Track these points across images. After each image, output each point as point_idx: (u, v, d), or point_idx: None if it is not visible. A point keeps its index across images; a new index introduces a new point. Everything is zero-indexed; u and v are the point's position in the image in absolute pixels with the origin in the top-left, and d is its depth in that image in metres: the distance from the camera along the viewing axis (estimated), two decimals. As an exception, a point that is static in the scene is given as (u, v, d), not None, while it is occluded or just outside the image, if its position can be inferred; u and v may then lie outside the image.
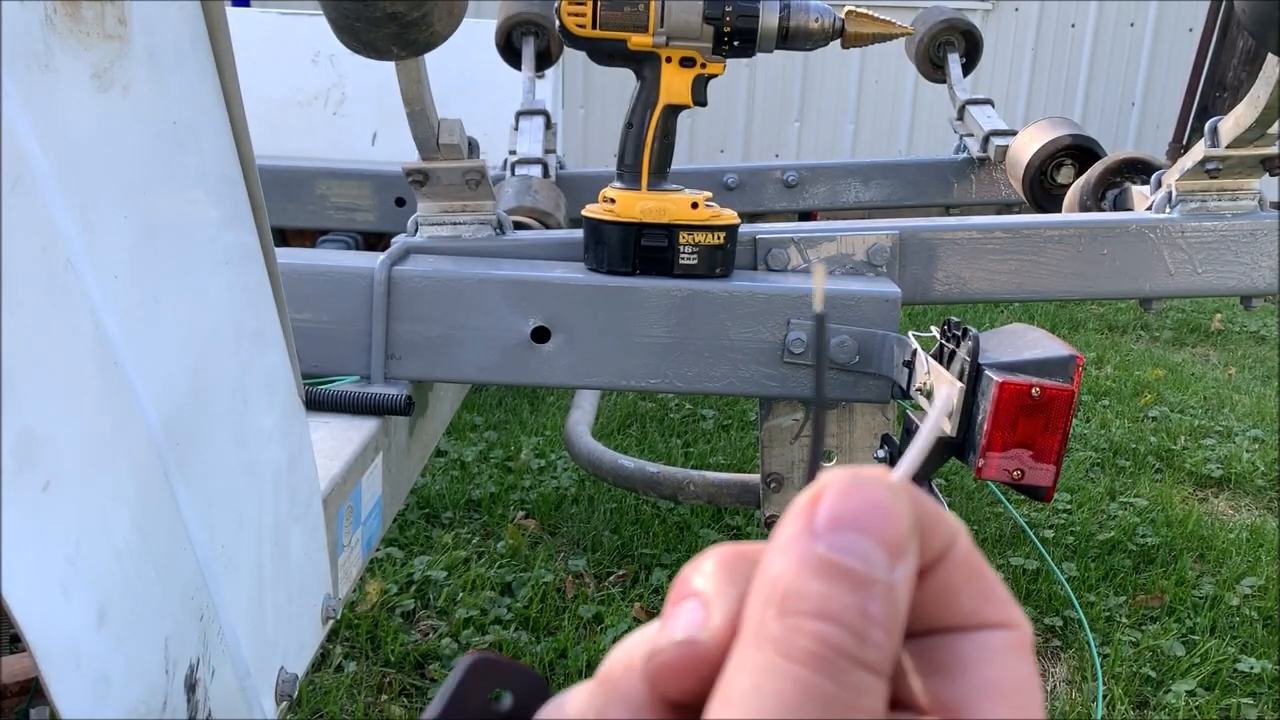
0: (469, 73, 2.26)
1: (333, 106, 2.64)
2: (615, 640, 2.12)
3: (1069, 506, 2.59)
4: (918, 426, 1.07)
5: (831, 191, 2.20)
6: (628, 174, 1.21)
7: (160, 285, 0.59)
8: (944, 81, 2.19)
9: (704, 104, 1.20)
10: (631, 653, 0.27)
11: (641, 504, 2.47)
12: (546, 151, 2.00)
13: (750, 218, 1.87)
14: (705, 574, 0.26)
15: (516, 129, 2.08)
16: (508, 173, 1.88)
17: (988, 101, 2.17)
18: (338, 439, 1.03)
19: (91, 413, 0.53)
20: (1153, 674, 1.94)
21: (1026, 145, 1.85)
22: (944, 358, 1.05)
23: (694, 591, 0.26)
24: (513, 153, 1.97)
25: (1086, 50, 5.65)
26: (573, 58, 1.73)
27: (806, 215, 2.26)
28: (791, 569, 0.24)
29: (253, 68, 2.21)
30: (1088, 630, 1.88)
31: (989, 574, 0.26)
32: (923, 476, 1.06)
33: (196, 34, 0.63)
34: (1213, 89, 5.26)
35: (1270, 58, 1.17)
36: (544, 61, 2.14)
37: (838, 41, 1.21)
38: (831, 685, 0.23)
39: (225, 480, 0.67)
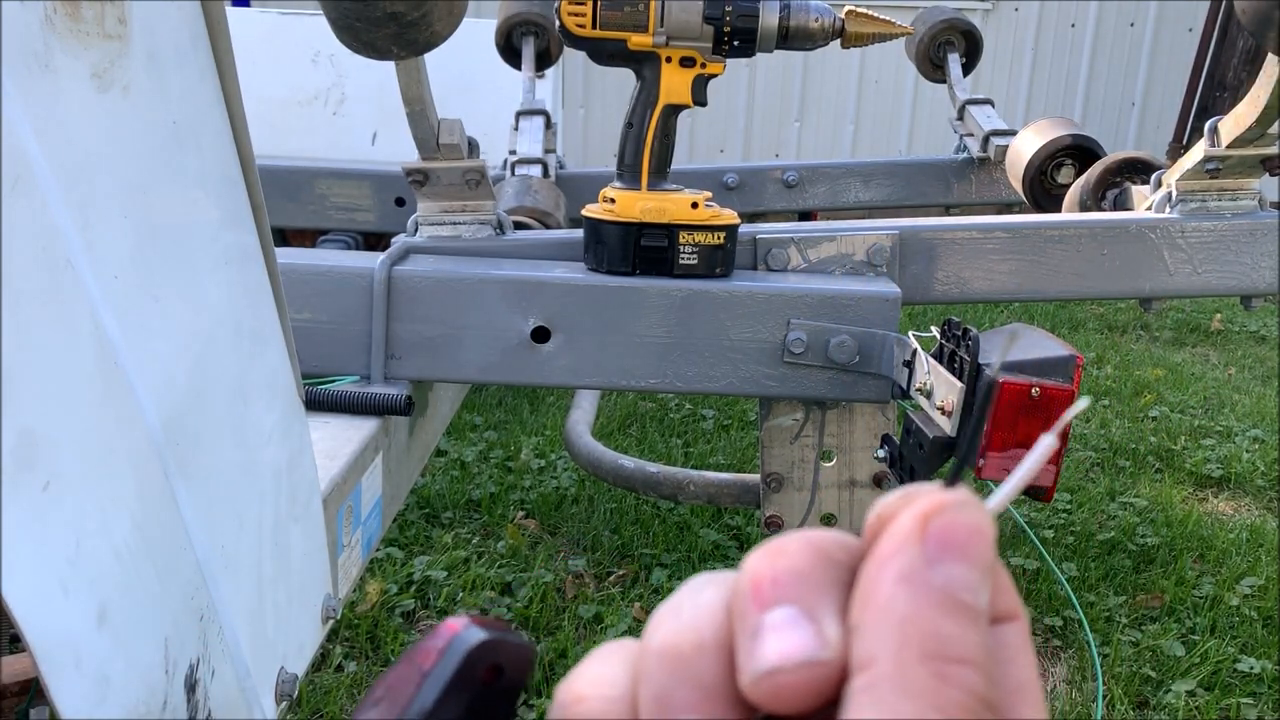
0: (469, 73, 2.26)
1: (332, 106, 2.64)
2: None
3: (1069, 507, 2.59)
4: (920, 430, 1.07)
5: (831, 191, 2.20)
6: (628, 174, 1.21)
7: (160, 285, 0.59)
8: (944, 81, 2.19)
9: (704, 104, 1.20)
10: (699, 629, 0.25)
11: (641, 504, 2.47)
12: (546, 151, 2.01)
13: (750, 218, 1.87)
14: (795, 574, 0.25)
15: (516, 129, 2.08)
16: (508, 173, 1.88)
17: (988, 101, 2.17)
18: (338, 439, 1.03)
19: (91, 413, 0.53)
20: (1153, 674, 1.94)
21: (1026, 145, 1.85)
22: (944, 358, 1.05)
23: (787, 596, 0.25)
24: (513, 153, 1.97)
25: (1086, 50, 5.65)
26: (573, 58, 1.73)
27: (806, 215, 2.26)
28: (921, 607, 0.24)
29: (253, 68, 2.21)
30: (1087, 630, 1.88)
31: (997, 565, 0.26)
32: (923, 478, 1.06)
33: (196, 34, 0.63)
34: (1213, 89, 5.26)
35: (1270, 57, 1.17)
36: (544, 61, 2.14)
37: (838, 41, 1.21)
38: None
39: (225, 480, 0.67)
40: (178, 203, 0.63)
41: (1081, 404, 0.28)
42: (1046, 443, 0.26)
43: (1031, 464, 0.26)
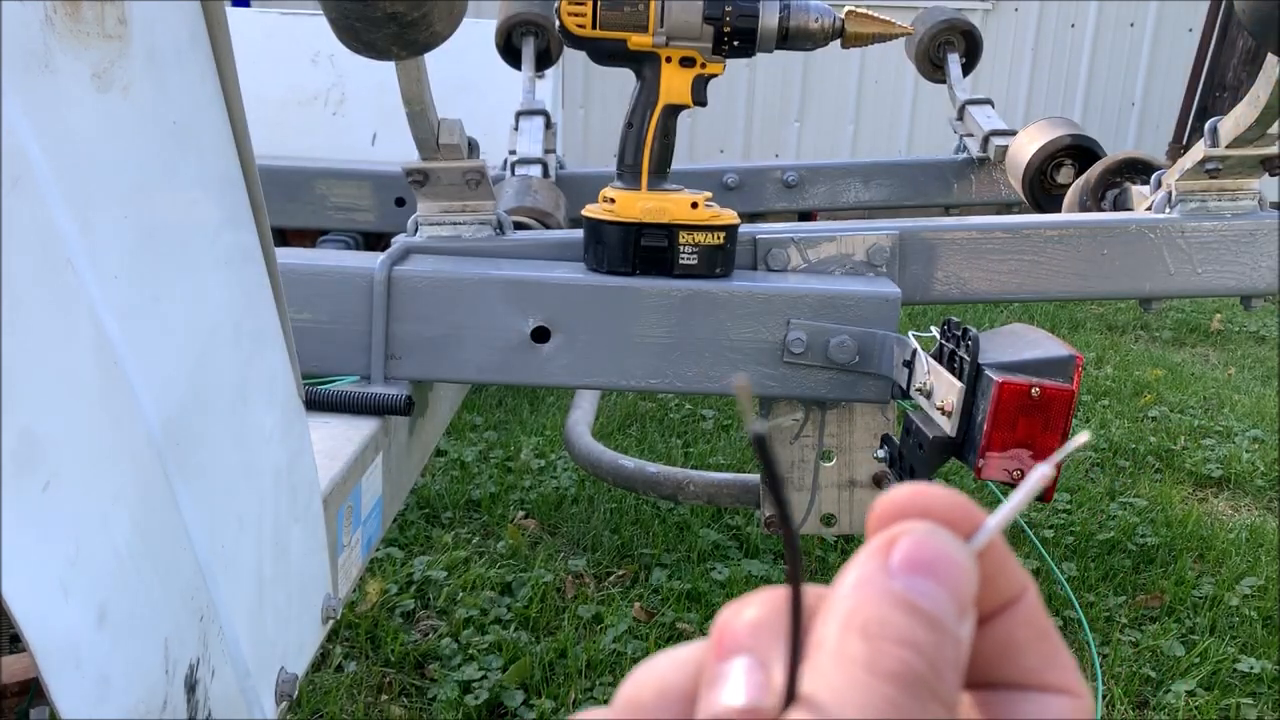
0: (469, 73, 2.26)
1: (332, 106, 2.64)
2: (615, 640, 2.10)
3: (1069, 506, 2.59)
4: (920, 429, 1.07)
5: (831, 192, 2.20)
6: (628, 174, 1.21)
7: (160, 285, 0.59)
8: (944, 81, 2.19)
9: (704, 104, 1.20)
10: (665, 680, 0.26)
11: (641, 504, 2.47)
12: (546, 151, 2.00)
13: (750, 218, 1.87)
14: (755, 627, 0.25)
15: (516, 129, 2.08)
16: (508, 173, 1.87)
17: (988, 101, 2.17)
18: (338, 439, 1.03)
19: (91, 413, 0.53)
20: (1152, 674, 1.94)
21: (1026, 145, 1.85)
22: (944, 357, 1.05)
23: (745, 647, 0.25)
24: (513, 153, 1.97)
25: (1086, 50, 5.65)
26: (573, 58, 1.73)
27: (806, 215, 2.26)
28: (870, 601, 0.24)
29: (252, 68, 2.20)
30: (1087, 630, 1.88)
31: (1054, 636, 0.26)
32: (923, 478, 1.06)
33: (196, 34, 0.63)
34: (1212, 89, 5.26)
35: (1270, 57, 1.17)
36: (544, 61, 2.14)
37: (838, 42, 1.21)
38: (914, 706, 0.22)
39: (225, 480, 0.67)
40: (178, 203, 0.63)
41: (1081, 438, 0.27)
42: (1041, 472, 0.25)
43: (1022, 497, 0.26)
